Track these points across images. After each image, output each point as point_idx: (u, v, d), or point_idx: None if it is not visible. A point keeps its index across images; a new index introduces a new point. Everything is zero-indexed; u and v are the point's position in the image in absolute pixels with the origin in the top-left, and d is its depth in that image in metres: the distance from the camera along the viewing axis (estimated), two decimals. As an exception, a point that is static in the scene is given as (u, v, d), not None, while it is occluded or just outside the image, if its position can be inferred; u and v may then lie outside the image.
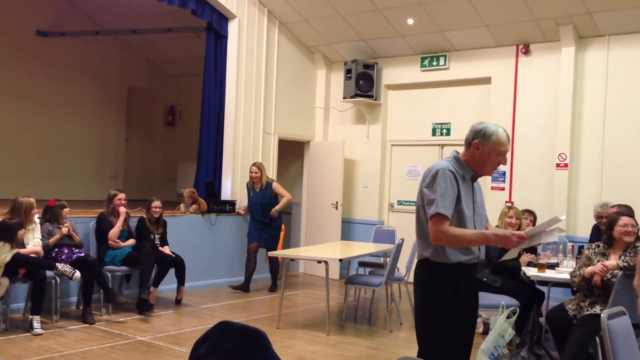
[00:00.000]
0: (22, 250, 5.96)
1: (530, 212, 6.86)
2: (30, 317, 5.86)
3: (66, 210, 6.61)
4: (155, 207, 7.30)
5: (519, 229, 6.30)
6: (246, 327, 2.45)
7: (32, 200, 6.23)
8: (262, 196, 8.51)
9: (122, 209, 6.96)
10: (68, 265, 6.14)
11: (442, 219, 3.04)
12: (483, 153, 3.18)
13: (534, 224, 6.78)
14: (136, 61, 12.54)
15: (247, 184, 8.78)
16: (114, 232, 6.86)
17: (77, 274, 6.08)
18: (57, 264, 6.13)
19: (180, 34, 10.99)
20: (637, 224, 4.91)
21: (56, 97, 11.19)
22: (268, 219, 8.48)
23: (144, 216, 7.30)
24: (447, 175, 3.10)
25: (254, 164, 8.64)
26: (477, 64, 8.96)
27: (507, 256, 3.20)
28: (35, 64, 10.86)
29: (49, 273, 6.07)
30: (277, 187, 8.58)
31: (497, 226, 6.26)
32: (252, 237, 8.56)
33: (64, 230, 6.45)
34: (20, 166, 10.58)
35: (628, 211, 5.69)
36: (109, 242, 6.85)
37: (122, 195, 7.03)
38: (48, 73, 11.03)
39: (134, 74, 12.51)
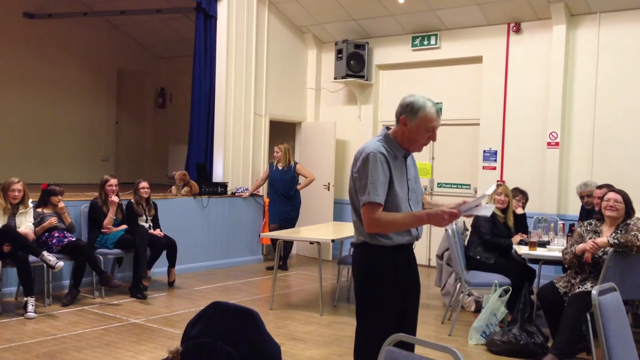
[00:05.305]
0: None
1: (521, 191, 6.87)
2: (25, 299, 5.84)
3: (56, 198, 6.51)
4: (143, 187, 7.26)
5: (507, 207, 6.35)
6: (239, 308, 2.45)
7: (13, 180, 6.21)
8: (284, 174, 8.72)
9: (115, 199, 6.89)
10: (52, 256, 6.03)
11: (374, 206, 2.91)
12: (411, 129, 3.02)
13: (525, 204, 6.81)
14: (125, 43, 12.42)
15: (270, 162, 8.96)
16: (107, 221, 6.83)
17: (60, 264, 6.00)
18: (44, 252, 5.99)
19: (170, 15, 10.88)
20: (624, 202, 4.92)
21: (44, 80, 11.08)
22: (292, 193, 8.73)
23: (132, 200, 7.26)
24: (377, 158, 2.94)
25: (277, 145, 8.82)
26: (468, 42, 8.93)
27: (481, 212, 3.05)
28: (22, 46, 10.75)
29: (32, 258, 5.99)
30: (300, 168, 8.83)
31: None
32: (273, 219, 8.80)
33: (53, 220, 6.41)
34: (9, 150, 10.50)
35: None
36: (103, 230, 6.83)
37: (113, 181, 6.95)
38: (36, 55, 10.91)
39: (124, 56, 12.41)
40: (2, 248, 5.84)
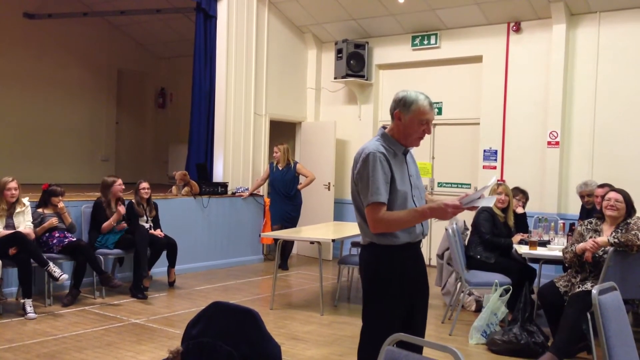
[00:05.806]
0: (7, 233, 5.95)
1: (521, 191, 6.87)
2: (22, 300, 5.84)
3: (56, 199, 6.50)
4: (144, 188, 7.26)
5: (508, 206, 6.35)
6: (239, 307, 2.45)
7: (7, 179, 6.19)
8: (284, 174, 8.79)
9: (122, 209, 6.84)
10: (58, 268, 6.03)
11: (377, 206, 2.95)
12: (405, 123, 3.05)
13: (525, 203, 6.81)
14: (125, 43, 12.42)
15: (271, 162, 9.00)
16: (107, 226, 6.79)
17: (64, 276, 5.99)
18: (50, 263, 5.98)
19: (170, 15, 10.88)
20: (625, 201, 4.91)
21: (45, 81, 11.08)
22: (293, 192, 8.83)
23: (132, 200, 7.25)
24: (377, 157, 2.97)
25: (276, 145, 8.89)
26: (468, 42, 8.93)
27: (483, 203, 3.08)
28: (22, 46, 10.74)
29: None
30: (300, 168, 8.92)
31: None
32: (275, 219, 8.88)
33: (54, 221, 6.39)
34: (9, 149, 10.49)
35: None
36: (101, 230, 6.81)
37: (119, 181, 6.96)
38: (36, 56, 10.91)
39: (124, 56, 12.40)
40: (8, 251, 5.82)
